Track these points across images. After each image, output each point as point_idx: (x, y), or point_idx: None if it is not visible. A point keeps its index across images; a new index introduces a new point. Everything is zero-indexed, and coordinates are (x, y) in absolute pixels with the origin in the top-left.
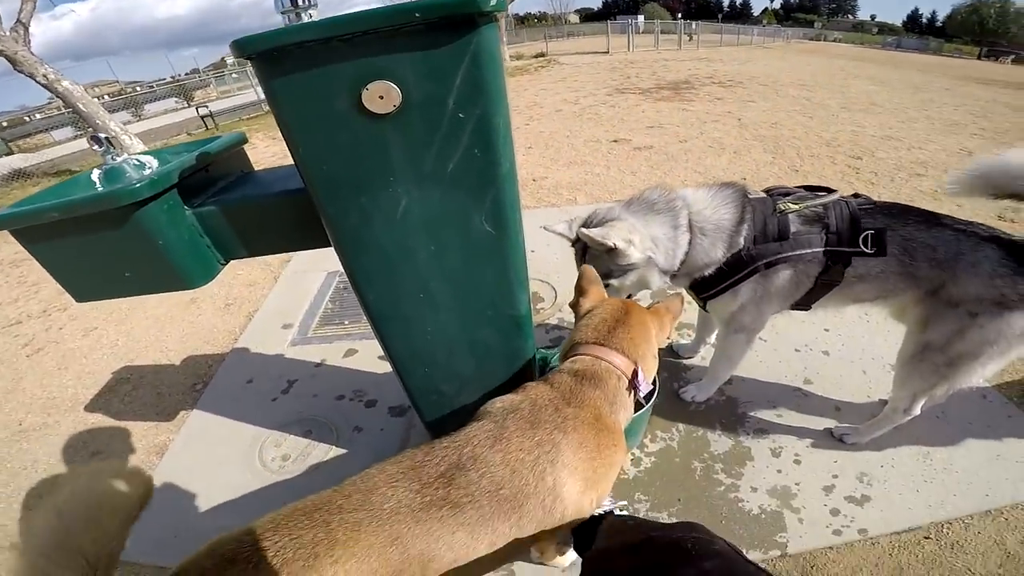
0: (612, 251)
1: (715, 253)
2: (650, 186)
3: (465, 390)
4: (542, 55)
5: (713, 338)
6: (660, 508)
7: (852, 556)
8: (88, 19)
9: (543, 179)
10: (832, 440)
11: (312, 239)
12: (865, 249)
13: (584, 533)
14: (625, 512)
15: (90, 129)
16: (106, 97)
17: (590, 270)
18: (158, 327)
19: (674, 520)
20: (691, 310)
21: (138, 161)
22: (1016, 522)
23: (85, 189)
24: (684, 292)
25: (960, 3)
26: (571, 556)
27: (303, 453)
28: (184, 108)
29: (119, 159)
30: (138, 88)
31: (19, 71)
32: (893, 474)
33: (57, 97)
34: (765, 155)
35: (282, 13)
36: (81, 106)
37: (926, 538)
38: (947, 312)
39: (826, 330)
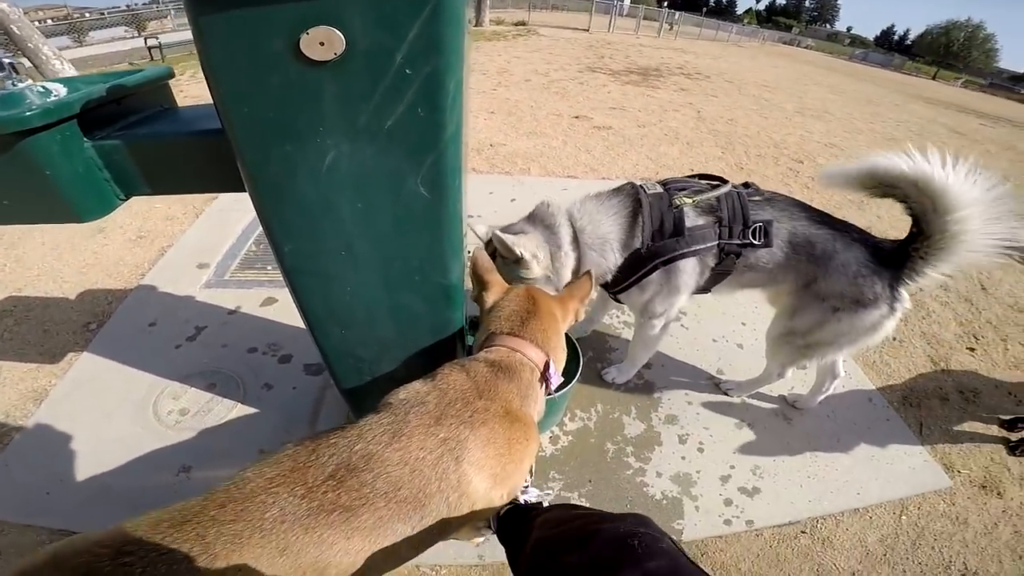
0: (518, 262)
1: (606, 263)
2: (538, 203)
3: (385, 356)
4: (523, 23)
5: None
6: (572, 488)
7: (738, 546)
8: None
9: (501, 146)
10: (734, 431)
11: (225, 183)
12: (754, 241)
13: (511, 522)
14: (548, 498)
15: (18, 52)
16: (49, 22)
17: (482, 256)
18: (56, 255)
19: (585, 501)
20: None
21: (43, 88)
22: (878, 521)
23: None
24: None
25: (935, 25)
26: (488, 533)
27: (204, 408)
28: (133, 38)
29: (22, 84)
30: (87, 15)
31: None
32: (783, 468)
33: None
34: (715, 149)
35: None
36: (15, 28)
37: (802, 532)
38: (814, 304)
39: (743, 324)
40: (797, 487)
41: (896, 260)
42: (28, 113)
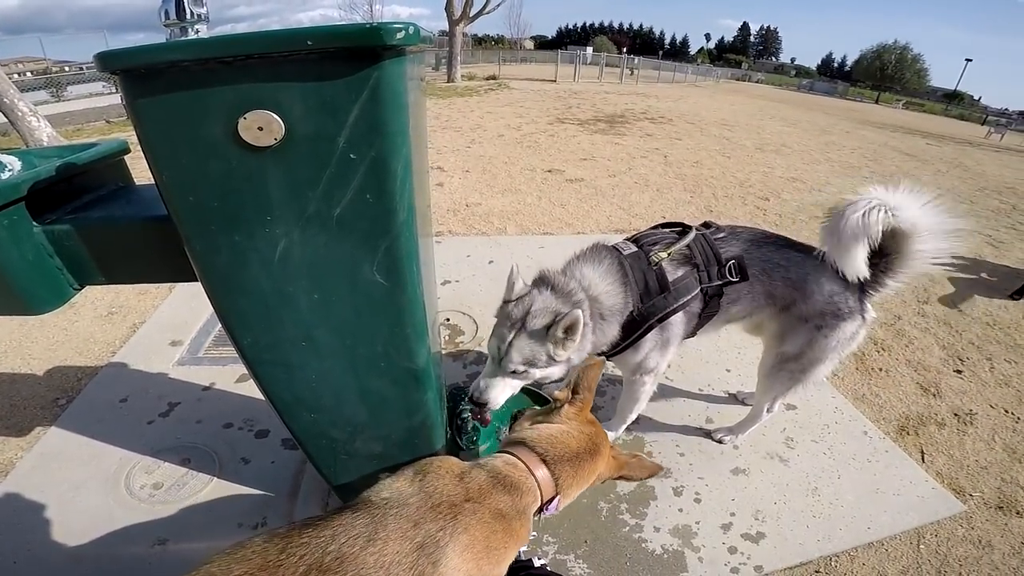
0: (559, 342)
1: (612, 332)
2: (548, 271)
3: (360, 437)
4: (493, 78)
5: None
6: (568, 550)
7: None
8: None
9: (476, 205)
10: (730, 479)
11: (184, 272)
12: (731, 278)
13: None
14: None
15: None
16: (28, 75)
17: (593, 373)
18: (23, 331)
19: (583, 563)
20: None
21: None
22: (895, 552)
23: None
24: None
25: (868, 49)
26: None
27: (178, 482)
28: (111, 93)
29: None
30: (67, 68)
31: None
32: (786, 510)
33: None
34: (684, 194)
35: (166, 26)
36: None
37: (816, 572)
38: (799, 326)
39: (727, 371)
40: (803, 528)
41: None
42: None
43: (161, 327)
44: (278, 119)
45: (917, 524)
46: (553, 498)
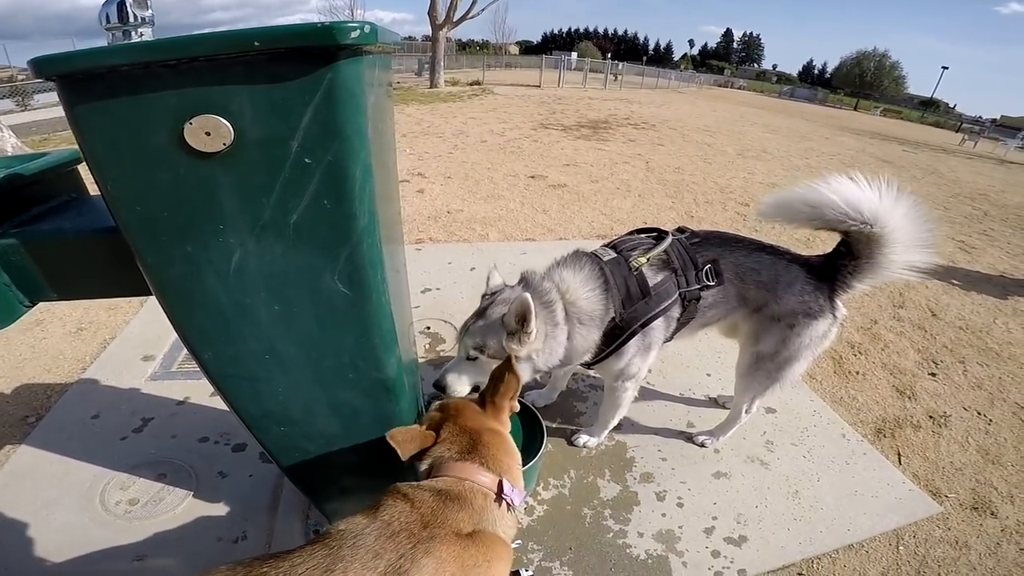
0: (515, 333)
1: (592, 338)
2: (527, 273)
3: (334, 449)
4: (477, 83)
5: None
6: (553, 557)
7: None
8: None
9: (458, 212)
10: (712, 482)
11: (141, 286)
12: (708, 282)
13: None
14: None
15: None
16: None
17: (401, 434)
18: None
19: (568, 570)
20: None
21: None
22: (875, 554)
23: None
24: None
25: (848, 56)
26: None
27: (155, 498)
28: None
29: None
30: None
31: None
32: (767, 513)
33: None
34: (666, 199)
35: (107, 30)
36: None
37: (799, 574)
38: (772, 326)
39: (708, 375)
40: (785, 530)
41: (827, 274)
42: None
43: (132, 342)
44: (226, 123)
45: (896, 526)
46: (500, 483)
